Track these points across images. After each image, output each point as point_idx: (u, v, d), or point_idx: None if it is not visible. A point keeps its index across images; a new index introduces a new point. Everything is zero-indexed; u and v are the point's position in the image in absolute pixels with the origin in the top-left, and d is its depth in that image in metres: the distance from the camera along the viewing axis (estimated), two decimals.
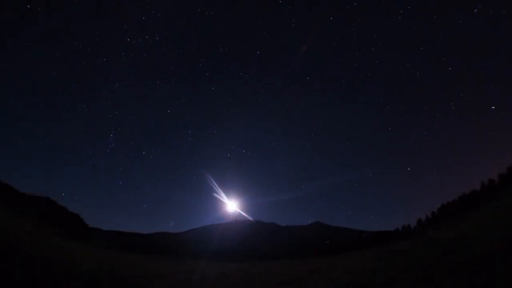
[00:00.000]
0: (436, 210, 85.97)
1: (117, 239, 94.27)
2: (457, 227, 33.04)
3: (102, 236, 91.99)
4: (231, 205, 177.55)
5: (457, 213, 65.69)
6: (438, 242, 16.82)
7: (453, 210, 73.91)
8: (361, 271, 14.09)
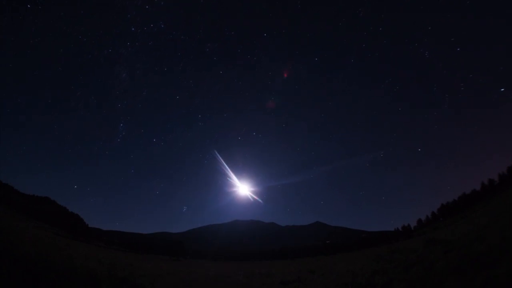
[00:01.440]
0: (436, 210, 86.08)
1: (117, 239, 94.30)
2: (457, 227, 33.04)
3: (102, 236, 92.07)
4: (243, 188, 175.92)
5: (457, 213, 65.74)
6: (438, 242, 16.80)
7: (453, 210, 73.91)
8: (361, 271, 14.09)
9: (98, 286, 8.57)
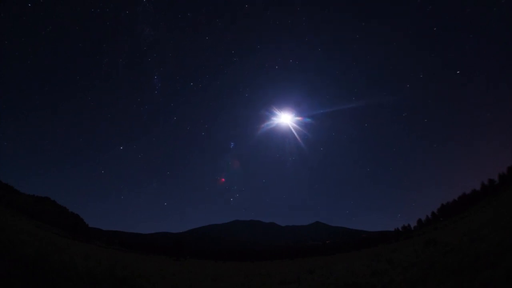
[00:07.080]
0: (436, 210, 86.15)
1: (117, 239, 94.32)
2: (457, 227, 33.07)
3: (102, 236, 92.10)
4: (285, 118, 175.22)
5: (457, 213, 65.72)
6: (438, 242, 16.81)
7: (453, 210, 73.91)
8: (361, 271, 14.09)
9: (98, 286, 8.56)
